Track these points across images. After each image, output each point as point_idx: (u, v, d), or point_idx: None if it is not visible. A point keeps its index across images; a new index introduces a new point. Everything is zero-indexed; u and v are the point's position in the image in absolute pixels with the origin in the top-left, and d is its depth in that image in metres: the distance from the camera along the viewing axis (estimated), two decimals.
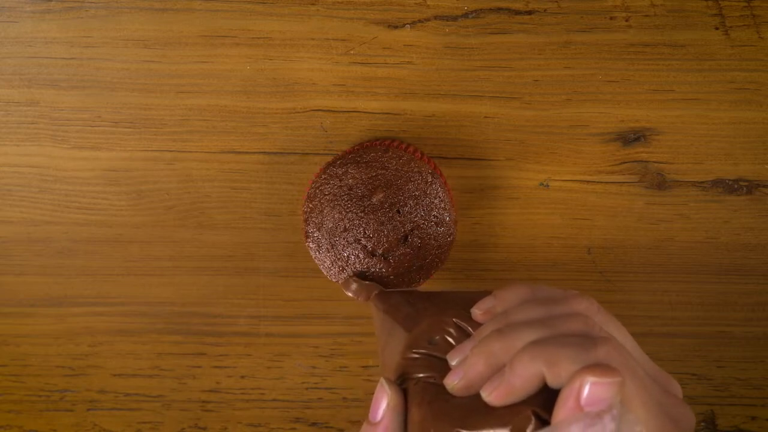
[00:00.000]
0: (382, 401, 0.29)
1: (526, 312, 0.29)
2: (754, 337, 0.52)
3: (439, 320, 0.32)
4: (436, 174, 0.43)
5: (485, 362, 0.27)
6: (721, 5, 0.45)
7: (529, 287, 0.31)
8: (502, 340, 0.28)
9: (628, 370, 0.25)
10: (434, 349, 0.31)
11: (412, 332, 0.32)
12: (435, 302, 0.34)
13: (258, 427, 0.53)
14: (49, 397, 0.52)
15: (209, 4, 0.45)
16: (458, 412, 0.26)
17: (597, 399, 0.23)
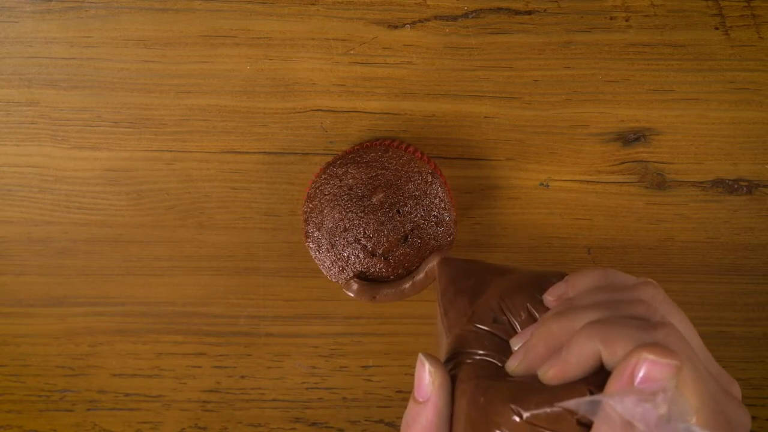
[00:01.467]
0: (425, 378, 0.28)
1: (591, 296, 0.28)
2: (754, 337, 0.52)
3: (508, 300, 0.31)
4: (436, 174, 0.43)
5: (545, 343, 0.27)
6: (721, 5, 0.45)
7: (602, 273, 0.30)
8: (561, 321, 0.27)
9: (687, 357, 0.24)
10: (497, 328, 0.30)
11: (477, 306, 0.31)
12: (506, 279, 0.33)
13: (258, 427, 0.53)
14: (49, 397, 0.52)
15: (209, 4, 0.45)
16: (512, 389, 0.26)
17: (652, 378, 0.22)
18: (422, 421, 0.28)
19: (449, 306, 0.34)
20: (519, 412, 0.24)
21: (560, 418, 0.24)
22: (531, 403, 0.24)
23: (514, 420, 0.24)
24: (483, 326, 0.30)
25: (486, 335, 0.30)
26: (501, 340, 0.30)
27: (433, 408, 0.28)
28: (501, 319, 0.30)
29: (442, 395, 0.28)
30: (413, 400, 0.29)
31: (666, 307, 0.28)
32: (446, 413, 0.28)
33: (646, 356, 0.22)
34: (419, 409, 0.28)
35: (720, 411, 0.25)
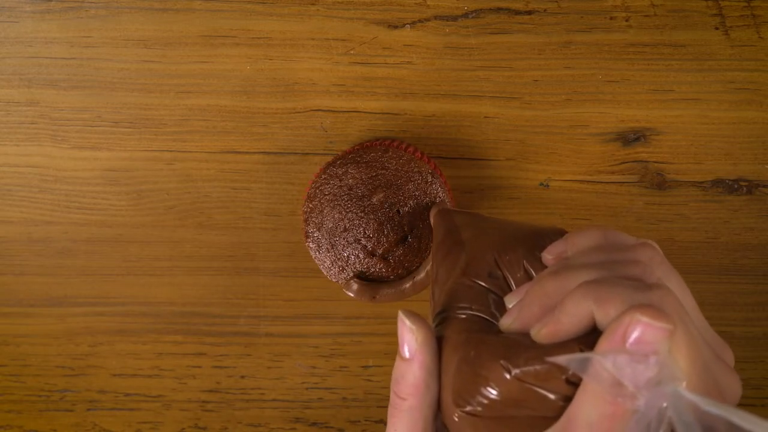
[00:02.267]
0: (407, 336, 0.28)
1: (588, 256, 0.28)
2: (754, 337, 0.52)
3: (504, 255, 0.30)
4: (436, 174, 0.43)
5: (539, 302, 0.27)
6: (721, 5, 0.45)
7: (602, 232, 0.29)
8: (556, 280, 0.27)
9: (680, 321, 0.24)
10: (492, 283, 0.29)
11: (472, 259, 0.30)
12: (504, 232, 0.32)
13: (258, 427, 0.53)
14: (49, 397, 0.52)
15: (209, 4, 0.45)
16: (504, 345, 0.25)
17: (644, 340, 0.22)
18: (410, 378, 0.28)
19: (444, 258, 0.33)
20: (509, 368, 0.24)
21: (549, 375, 0.24)
22: (521, 360, 0.24)
23: (503, 376, 0.24)
24: (477, 280, 0.29)
25: (480, 290, 0.29)
26: (495, 295, 0.29)
27: (419, 364, 0.28)
28: (496, 274, 0.29)
29: (427, 351, 0.28)
30: (399, 357, 0.28)
31: (663, 269, 0.27)
32: (434, 368, 0.28)
33: (639, 318, 0.22)
34: (406, 367, 0.28)
35: (711, 376, 0.25)
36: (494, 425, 0.25)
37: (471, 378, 0.26)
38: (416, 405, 0.28)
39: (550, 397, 0.24)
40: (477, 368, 0.25)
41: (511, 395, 0.24)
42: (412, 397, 0.28)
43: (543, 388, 0.24)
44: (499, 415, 0.25)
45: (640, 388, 0.22)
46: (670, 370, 0.22)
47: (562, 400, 0.24)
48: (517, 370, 0.24)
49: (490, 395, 0.25)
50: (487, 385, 0.25)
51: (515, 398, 0.24)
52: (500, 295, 0.29)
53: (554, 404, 0.24)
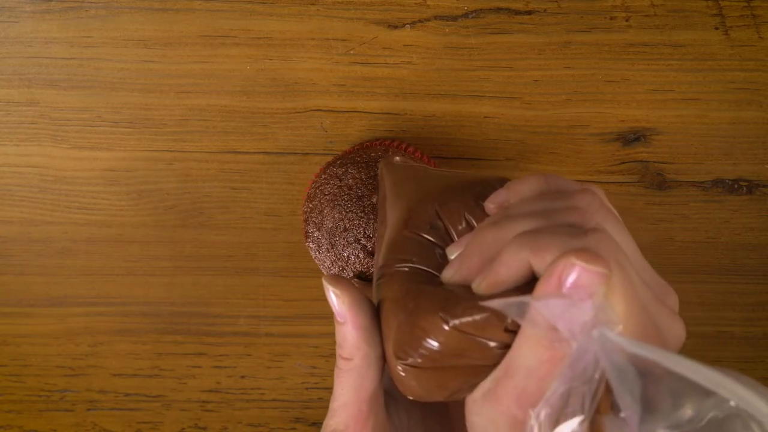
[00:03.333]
0: (335, 301, 0.28)
1: (528, 205, 0.28)
2: (754, 337, 0.52)
3: (445, 206, 0.29)
4: None
5: (479, 254, 0.26)
6: (721, 5, 0.45)
7: (543, 178, 0.29)
8: (495, 231, 0.27)
9: (617, 264, 0.24)
10: (433, 234, 0.29)
11: (413, 211, 0.30)
12: (446, 183, 0.31)
13: (258, 427, 0.53)
14: (49, 397, 0.52)
15: (209, 4, 0.45)
16: (443, 296, 0.25)
17: (579, 285, 0.22)
18: (349, 338, 0.28)
19: (387, 211, 0.32)
20: (447, 319, 0.24)
21: (488, 324, 0.24)
22: (459, 310, 0.24)
23: (442, 327, 0.24)
24: (419, 232, 0.29)
25: (421, 242, 0.29)
26: (437, 246, 0.29)
27: (353, 325, 0.28)
28: (437, 225, 0.29)
29: (358, 311, 0.28)
30: (336, 323, 0.28)
31: (602, 213, 0.26)
32: (369, 325, 0.28)
33: (573, 262, 0.22)
34: (342, 329, 0.28)
35: (650, 320, 0.24)
36: (436, 375, 0.26)
37: (410, 330, 0.26)
38: (360, 363, 0.28)
39: (490, 346, 0.24)
40: (416, 320, 0.25)
41: (451, 345, 0.25)
42: (356, 357, 0.28)
43: (482, 337, 0.24)
44: (441, 366, 0.25)
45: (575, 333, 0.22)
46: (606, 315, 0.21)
47: (502, 347, 0.24)
48: (456, 321, 0.24)
49: (430, 346, 0.25)
50: (426, 336, 0.25)
51: (455, 348, 0.25)
52: (442, 246, 0.29)
53: (494, 352, 0.24)
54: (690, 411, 0.20)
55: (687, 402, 0.21)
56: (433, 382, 0.26)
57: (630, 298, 0.23)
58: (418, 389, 0.26)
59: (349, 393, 0.28)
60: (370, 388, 0.28)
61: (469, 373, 0.25)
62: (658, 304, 0.25)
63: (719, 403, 0.20)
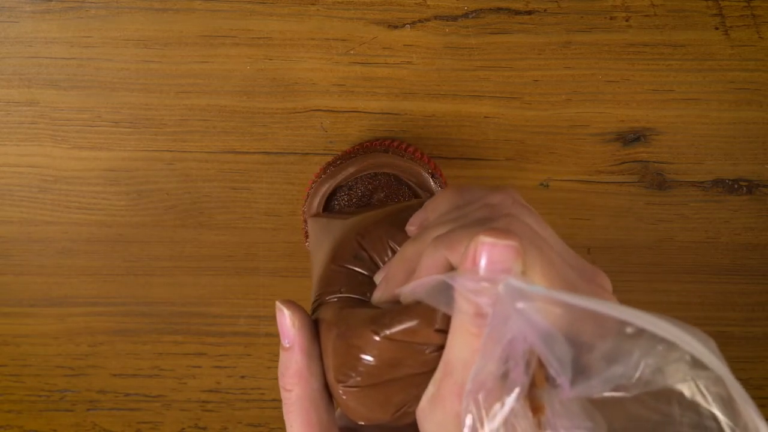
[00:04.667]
0: (285, 323, 0.28)
1: (444, 216, 0.28)
2: (754, 337, 0.52)
3: (367, 236, 0.30)
4: (436, 174, 0.43)
5: (402, 269, 0.27)
6: (721, 5, 0.45)
7: (457, 190, 0.29)
8: (414, 244, 0.27)
9: (532, 243, 0.24)
10: (359, 265, 0.30)
11: (337, 247, 0.31)
12: (367, 217, 0.33)
13: (258, 427, 0.53)
14: (49, 397, 0.52)
15: (209, 4, 0.45)
16: (372, 314, 0.26)
17: (494, 261, 0.22)
18: (293, 365, 0.28)
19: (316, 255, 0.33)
20: (377, 330, 0.25)
21: (418, 328, 0.24)
22: (387, 320, 0.25)
23: (374, 340, 0.25)
24: (345, 264, 0.30)
25: (347, 272, 0.30)
26: (363, 275, 0.29)
27: (299, 349, 0.28)
28: (361, 256, 0.30)
29: (305, 334, 0.28)
30: (282, 349, 0.28)
31: (516, 207, 0.27)
32: (314, 352, 0.28)
33: (483, 239, 0.22)
34: (288, 356, 0.28)
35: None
36: (378, 393, 0.26)
37: (345, 350, 0.26)
38: (303, 394, 0.28)
39: (424, 351, 0.24)
40: (349, 339, 0.26)
41: (386, 357, 0.25)
42: (298, 386, 0.28)
43: (415, 342, 0.24)
44: (381, 381, 0.25)
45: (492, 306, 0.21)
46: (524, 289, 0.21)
47: (436, 350, 0.24)
48: (387, 331, 0.24)
49: (366, 362, 0.25)
50: (360, 352, 0.25)
51: (390, 359, 0.25)
52: (369, 275, 0.29)
53: (429, 357, 0.24)
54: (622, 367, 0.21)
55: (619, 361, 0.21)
56: (376, 400, 0.26)
57: (550, 273, 0.23)
58: (363, 410, 0.26)
59: (298, 430, 0.28)
60: (319, 422, 0.28)
61: (410, 384, 0.25)
62: (587, 283, 0.25)
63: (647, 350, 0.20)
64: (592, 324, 0.21)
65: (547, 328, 0.21)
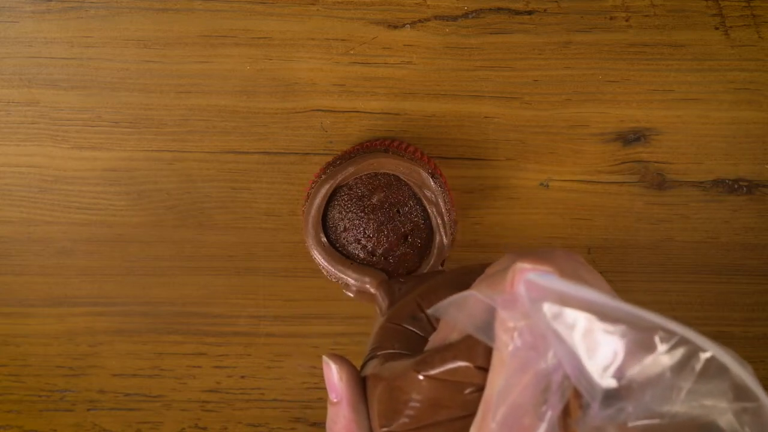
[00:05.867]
0: (332, 377, 0.28)
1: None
2: (754, 337, 0.52)
3: (426, 298, 0.30)
4: (436, 174, 0.43)
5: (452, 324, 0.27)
6: (721, 5, 0.45)
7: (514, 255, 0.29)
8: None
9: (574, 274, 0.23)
10: (415, 325, 0.30)
11: (396, 307, 0.31)
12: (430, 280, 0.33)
13: (258, 427, 0.53)
14: (49, 397, 0.52)
15: (209, 4, 0.45)
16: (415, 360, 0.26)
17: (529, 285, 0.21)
18: (341, 420, 0.28)
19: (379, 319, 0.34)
20: (419, 370, 0.25)
21: (460, 369, 0.24)
22: (429, 359, 0.25)
23: (417, 379, 0.25)
24: (401, 323, 0.30)
25: (402, 331, 0.30)
26: (418, 336, 0.30)
27: (346, 403, 0.28)
28: (419, 317, 0.30)
29: (352, 389, 0.28)
30: (329, 403, 0.29)
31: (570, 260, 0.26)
32: (361, 407, 0.28)
33: (521, 266, 0.22)
34: (336, 410, 0.28)
35: None
36: None
37: (389, 395, 0.26)
38: None
39: (465, 391, 0.24)
40: (393, 382, 0.26)
41: (428, 397, 0.25)
42: None
43: (456, 381, 0.24)
44: (422, 425, 0.25)
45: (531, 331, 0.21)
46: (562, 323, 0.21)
47: (477, 390, 0.24)
48: (429, 370, 0.25)
49: (409, 404, 0.25)
50: (404, 394, 0.25)
51: (432, 399, 0.25)
52: (423, 335, 0.30)
53: (470, 398, 0.24)
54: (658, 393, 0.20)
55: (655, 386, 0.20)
56: None
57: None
58: None
59: None
60: None
61: (451, 430, 0.25)
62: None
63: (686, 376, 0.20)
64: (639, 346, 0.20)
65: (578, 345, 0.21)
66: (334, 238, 0.43)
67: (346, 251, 0.43)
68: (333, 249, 0.42)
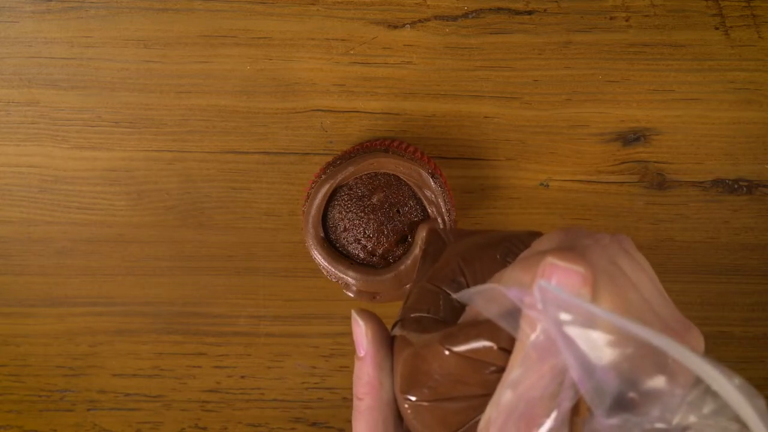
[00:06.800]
0: (359, 333, 0.28)
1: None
2: (754, 337, 0.52)
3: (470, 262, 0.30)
4: (436, 174, 0.43)
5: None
6: (721, 5, 0.45)
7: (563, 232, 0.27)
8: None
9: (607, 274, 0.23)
10: (454, 289, 0.29)
11: (437, 266, 0.31)
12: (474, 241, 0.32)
13: (258, 427, 0.53)
14: (49, 397, 0.52)
15: (209, 4, 0.45)
16: (445, 332, 0.26)
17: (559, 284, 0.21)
18: (364, 376, 0.28)
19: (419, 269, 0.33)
20: (446, 344, 0.25)
21: (484, 349, 0.24)
22: (456, 336, 0.25)
23: (442, 353, 0.25)
24: (440, 285, 0.29)
25: (439, 294, 0.29)
26: (454, 303, 0.29)
27: (371, 360, 0.28)
28: (459, 281, 0.29)
29: (377, 347, 0.28)
30: (356, 358, 0.29)
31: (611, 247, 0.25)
32: (386, 365, 0.28)
33: (551, 261, 0.21)
34: (361, 365, 0.28)
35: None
36: (439, 410, 0.26)
37: (413, 361, 0.26)
38: (373, 404, 0.28)
39: (487, 370, 0.25)
40: (419, 350, 0.26)
41: (450, 371, 0.25)
42: (368, 396, 0.28)
43: (479, 360, 0.25)
44: (442, 398, 0.26)
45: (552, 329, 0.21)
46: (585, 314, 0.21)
47: (498, 370, 0.24)
48: (456, 347, 0.25)
49: (431, 374, 0.25)
50: (427, 365, 0.25)
51: (455, 375, 0.25)
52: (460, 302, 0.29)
53: (490, 378, 0.25)
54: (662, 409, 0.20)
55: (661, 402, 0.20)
56: (437, 417, 0.26)
57: (619, 309, 0.22)
58: (423, 426, 0.27)
59: None
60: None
61: (469, 406, 0.26)
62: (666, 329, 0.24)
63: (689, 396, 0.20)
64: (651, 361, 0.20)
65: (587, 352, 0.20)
66: (334, 238, 0.43)
67: (346, 251, 0.43)
68: (333, 249, 0.42)
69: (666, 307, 0.25)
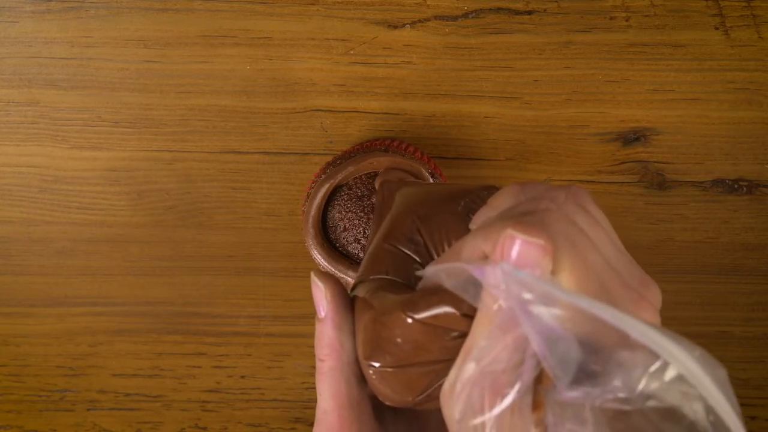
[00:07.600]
0: (319, 295, 0.29)
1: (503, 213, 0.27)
2: (754, 337, 0.52)
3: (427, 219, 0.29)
4: (436, 174, 0.43)
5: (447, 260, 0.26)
6: (721, 5, 0.45)
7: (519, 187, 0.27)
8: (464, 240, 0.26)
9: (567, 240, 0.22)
10: (412, 249, 0.29)
11: (394, 224, 0.30)
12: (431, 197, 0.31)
13: (258, 427, 0.53)
14: (49, 397, 0.52)
15: (209, 4, 0.45)
16: (405, 297, 0.26)
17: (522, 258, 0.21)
18: (325, 338, 0.28)
19: (374, 226, 0.32)
20: (408, 313, 0.25)
21: (446, 315, 0.24)
22: (418, 303, 0.25)
23: (404, 320, 0.25)
24: (397, 245, 0.29)
25: (398, 254, 0.29)
26: (413, 260, 0.29)
27: (331, 322, 0.28)
28: (416, 240, 0.29)
29: (337, 308, 0.28)
30: (317, 320, 0.29)
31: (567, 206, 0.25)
32: (346, 327, 0.28)
33: (510, 233, 0.21)
34: (321, 327, 0.28)
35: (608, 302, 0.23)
36: (403, 376, 0.26)
37: (375, 328, 0.26)
38: (335, 365, 0.28)
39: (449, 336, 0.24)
40: (380, 317, 0.26)
41: (412, 339, 0.25)
42: (330, 358, 0.28)
43: (441, 326, 0.24)
44: (405, 364, 0.26)
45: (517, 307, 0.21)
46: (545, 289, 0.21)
47: (459, 336, 0.24)
48: (418, 314, 0.25)
49: (393, 340, 0.25)
50: (389, 332, 0.25)
51: (416, 342, 0.25)
52: (418, 260, 0.29)
53: (452, 344, 0.25)
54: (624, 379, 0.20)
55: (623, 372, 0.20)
56: (401, 382, 0.26)
57: (581, 276, 0.22)
58: (388, 391, 0.27)
59: (328, 400, 0.28)
60: (349, 395, 0.28)
61: (432, 371, 0.26)
62: (625, 290, 0.24)
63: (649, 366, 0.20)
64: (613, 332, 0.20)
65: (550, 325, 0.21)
66: (334, 238, 0.43)
67: (346, 251, 0.43)
68: (333, 249, 0.42)
69: (624, 263, 0.25)
